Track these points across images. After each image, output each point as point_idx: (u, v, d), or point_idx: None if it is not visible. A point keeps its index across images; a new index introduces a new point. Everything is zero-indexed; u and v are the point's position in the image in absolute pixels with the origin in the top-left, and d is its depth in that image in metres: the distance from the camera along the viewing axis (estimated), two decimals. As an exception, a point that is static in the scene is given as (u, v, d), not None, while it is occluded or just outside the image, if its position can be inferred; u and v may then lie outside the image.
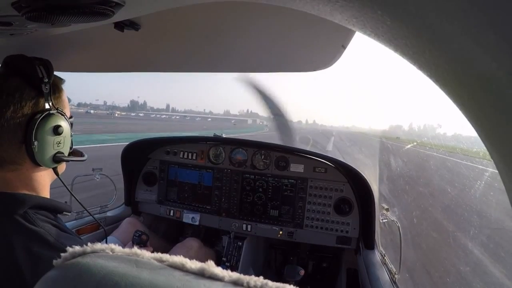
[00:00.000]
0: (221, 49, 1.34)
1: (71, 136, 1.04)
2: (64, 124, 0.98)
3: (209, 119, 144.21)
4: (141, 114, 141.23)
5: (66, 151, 1.02)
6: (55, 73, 0.99)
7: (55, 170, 1.03)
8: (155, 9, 0.75)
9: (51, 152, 0.96)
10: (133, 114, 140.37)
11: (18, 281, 0.80)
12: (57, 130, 0.95)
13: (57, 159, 0.98)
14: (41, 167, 0.96)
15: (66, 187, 1.21)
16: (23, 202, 0.89)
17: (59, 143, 0.98)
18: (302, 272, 2.22)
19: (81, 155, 1.17)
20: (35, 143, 0.90)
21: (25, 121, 0.89)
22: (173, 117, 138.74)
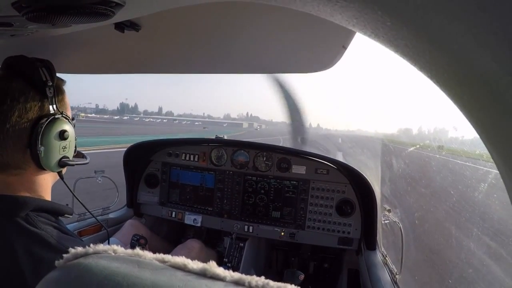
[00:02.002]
0: (221, 50, 1.34)
1: (76, 139, 1.04)
2: (69, 128, 0.98)
3: (197, 123, 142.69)
4: (125, 118, 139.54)
5: (71, 155, 1.02)
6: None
7: (59, 173, 1.03)
8: (156, 10, 0.75)
9: (57, 157, 0.96)
10: (116, 117, 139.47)
11: (20, 283, 0.80)
12: (63, 135, 0.95)
13: (62, 163, 0.98)
14: (45, 171, 0.96)
15: (70, 190, 1.21)
16: (24, 205, 0.89)
17: (64, 147, 0.98)
18: (301, 277, 2.20)
19: (83, 156, 1.17)
20: (41, 148, 0.90)
21: (30, 126, 0.89)
22: (157, 121, 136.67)
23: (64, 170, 1.06)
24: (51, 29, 0.88)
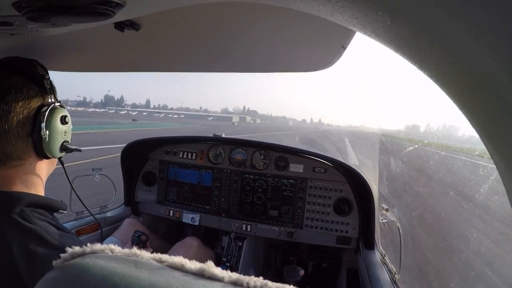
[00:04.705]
0: (221, 49, 1.34)
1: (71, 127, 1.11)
2: (68, 115, 1.05)
3: (177, 116, 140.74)
4: (99, 110, 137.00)
5: (69, 140, 1.07)
6: (54, 72, 1.02)
7: (60, 159, 1.09)
8: (156, 9, 0.75)
9: (60, 141, 1.02)
10: (90, 110, 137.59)
11: (15, 279, 0.81)
12: (64, 120, 1.02)
13: (64, 147, 1.04)
14: (42, 161, 1.00)
15: (69, 181, 1.24)
16: (19, 200, 0.90)
17: (65, 132, 1.04)
18: (301, 272, 2.23)
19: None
20: (47, 132, 0.95)
21: (33, 115, 0.94)
22: (133, 113, 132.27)
23: (54, 164, 1.11)
24: (51, 28, 0.88)
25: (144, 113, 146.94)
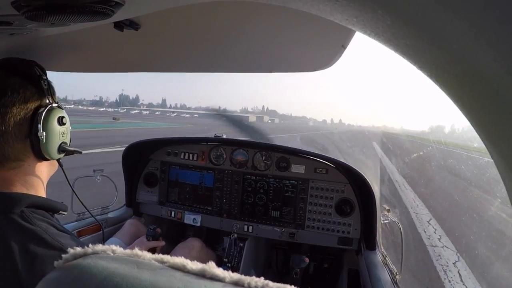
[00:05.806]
0: (221, 49, 1.34)
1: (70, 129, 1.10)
2: (66, 116, 1.04)
3: (189, 115, 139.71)
4: (110, 110, 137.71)
5: (68, 142, 1.07)
6: (56, 72, 1.02)
7: (59, 161, 1.08)
8: (155, 9, 0.75)
9: (57, 142, 1.01)
10: (101, 109, 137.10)
11: (14, 279, 0.81)
12: (61, 121, 1.02)
13: (62, 148, 1.04)
14: (41, 162, 1.01)
15: (69, 184, 1.24)
16: (19, 201, 0.90)
17: (63, 133, 1.04)
18: (306, 260, 2.30)
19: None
20: (43, 133, 0.95)
21: (30, 115, 0.94)
22: (145, 113, 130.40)
23: (55, 167, 1.11)
24: (50, 28, 0.88)
25: (157, 113, 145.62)
